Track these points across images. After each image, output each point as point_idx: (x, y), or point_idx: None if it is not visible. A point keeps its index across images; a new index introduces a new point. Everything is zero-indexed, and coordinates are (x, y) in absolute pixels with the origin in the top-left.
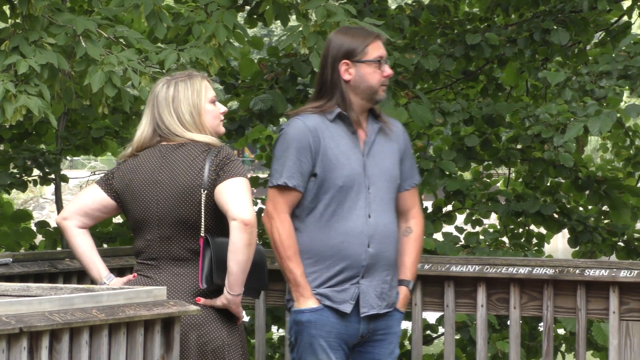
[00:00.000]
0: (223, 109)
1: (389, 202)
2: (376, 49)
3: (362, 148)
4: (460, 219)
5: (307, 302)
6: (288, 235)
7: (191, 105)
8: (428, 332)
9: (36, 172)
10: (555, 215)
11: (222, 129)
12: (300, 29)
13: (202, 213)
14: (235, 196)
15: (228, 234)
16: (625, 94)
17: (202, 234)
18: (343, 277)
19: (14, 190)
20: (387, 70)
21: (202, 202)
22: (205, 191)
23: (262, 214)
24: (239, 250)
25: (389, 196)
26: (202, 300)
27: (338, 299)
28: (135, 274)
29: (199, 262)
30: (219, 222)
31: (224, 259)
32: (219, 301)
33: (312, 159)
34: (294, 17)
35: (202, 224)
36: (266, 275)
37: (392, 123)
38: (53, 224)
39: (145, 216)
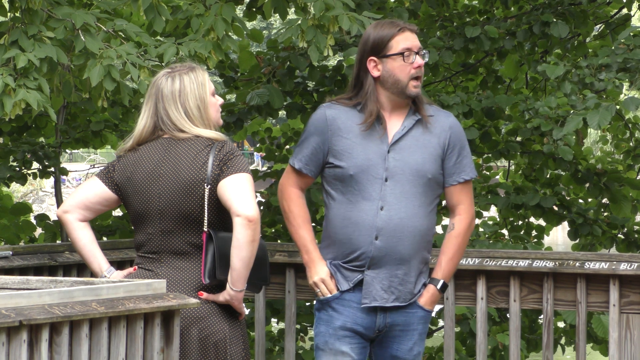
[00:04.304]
0: (220, 100)
1: (414, 196)
2: (402, 42)
3: (389, 140)
4: None
5: (317, 265)
6: (296, 204)
7: (198, 98)
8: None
9: (36, 165)
10: (555, 208)
11: (221, 121)
12: (299, 22)
13: (206, 208)
14: (239, 192)
15: (230, 229)
16: (625, 86)
17: (205, 229)
18: (351, 265)
19: (13, 183)
20: (417, 62)
21: (206, 197)
22: (209, 186)
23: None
24: (243, 247)
25: (414, 190)
26: (204, 295)
27: (344, 274)
28: (136, 267)
29: (200, 257)
30: (222, 217)
31: (226, 254)
32: (222, 297)
33: (325, 146)
34: (292, 10)
35: (205, 218)
36: (268, 270)
37: (438, 117)
38: (53, 217)
39: (146, 210)
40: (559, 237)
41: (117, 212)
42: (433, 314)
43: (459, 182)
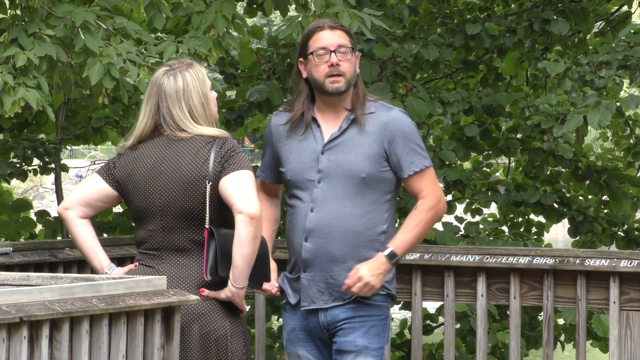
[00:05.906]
0: (215, 94)
1: (346, 196)
2: (317, 41)
3: (324, 142)
4: (460, 208)
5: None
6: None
7: (201, 95)
8: (428, 321)
9: (36, 161)
10: (555, 205)
11: (217, 114)
12: (300, 19)
13: (207, 205)
14: (240, 189)
15: (231, 226)
16: (625, 83)
17: (207, 226)
18: (294, 274)
19: (13, 180)
20: (331, 60)
21: (207, 194)
22: (210, 183)
23: None
24: (245, 244)
25: (348, 190)
26: (205, 292)
27: (292, 286)
28: (137, 264)
29: (201, 253)
30: (223, 214)
31: (228, 251)
32: (223, 294)
33: (276, 155)
34: (293, 7)
35: (207, 215)
36: (269, 267)
37: (379, 113)
38: (53, 213)
39: (147, 206)
40: (559, 234)
41: (118, 209)
42: (432, 311)
43: (412, 173)
